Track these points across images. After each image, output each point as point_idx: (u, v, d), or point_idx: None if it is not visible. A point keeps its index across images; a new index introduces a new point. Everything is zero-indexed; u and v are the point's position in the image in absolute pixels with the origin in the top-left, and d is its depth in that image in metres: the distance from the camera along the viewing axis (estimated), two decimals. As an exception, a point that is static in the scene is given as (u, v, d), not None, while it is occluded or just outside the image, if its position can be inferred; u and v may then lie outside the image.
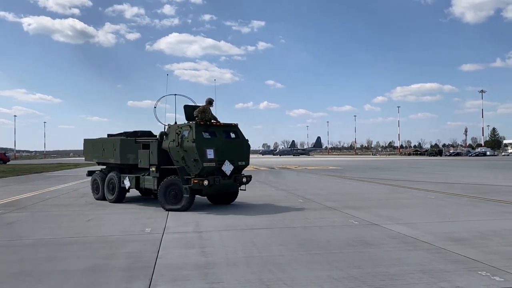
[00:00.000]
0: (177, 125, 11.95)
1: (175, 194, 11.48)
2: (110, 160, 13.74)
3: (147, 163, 12.30)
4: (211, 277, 5.44)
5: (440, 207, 11.85)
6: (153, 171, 12.03)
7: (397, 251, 6.74)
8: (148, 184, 12.41)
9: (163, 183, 11.61)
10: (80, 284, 5.28)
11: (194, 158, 11.06)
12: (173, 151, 11.55)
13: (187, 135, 11.32)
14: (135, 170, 13.10)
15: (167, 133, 12.03)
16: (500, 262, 5.96)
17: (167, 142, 11.79)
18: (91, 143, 15.06)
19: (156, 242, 7.58)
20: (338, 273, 5.55)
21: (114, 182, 13.52)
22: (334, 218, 10.02)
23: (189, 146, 11.15)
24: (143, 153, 12.49)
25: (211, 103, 12.28)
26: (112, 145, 13.55)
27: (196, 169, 11.13)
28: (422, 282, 5.15)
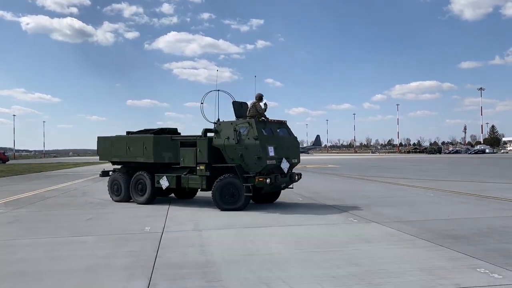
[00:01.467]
0: (231, 122, 11.65)
1: (232, 193, 11.13)
2: (139, 159, 12.85)
3: (192, 161, 11.82)
4: (210, 276, 5.45)
5: (439, 204, 11.86)
6: (201, 170, 11.57)
7: (396, 249, 6.75)
8: (194, 184, 11.91)
9: (219, 182, 11.20)
10: (79, 283, 5.28)
11: (257, 155, 10.90)
12: (229, 149, 11.26)
13: (247, 132, 11.11)
14: (164, 169, 12.64)
15: (217, 130, 11.62)
16: (499, 259, 5.97)
17: (220, 139, 11.47)
18: (108, 141, 13.93)
19: (156, 241, 7.58)
20: (336, 271, 5.56)
21: (144, 182, 12.76)
22: (333, 217, 10.03)
23: (251, 144, 10.96)
24: (188, 151, 11.97)
25: (261, 98, 12.03)
26: (142, 143, 12.74)
27: (258, 167, 10.97)
28: (420, 279, 5.16)
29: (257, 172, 10.98)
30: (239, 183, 11.04)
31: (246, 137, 11.08)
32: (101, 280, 5.39)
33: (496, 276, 5.25)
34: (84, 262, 6.21)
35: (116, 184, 13.55)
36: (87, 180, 24.27)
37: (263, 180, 10.82)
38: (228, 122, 11.70)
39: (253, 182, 10.93)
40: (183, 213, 10.89)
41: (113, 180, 13.72)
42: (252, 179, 10.94)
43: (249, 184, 10.93)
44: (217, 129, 11.65)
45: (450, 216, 9.80)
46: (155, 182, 12.48)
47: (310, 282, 5.13)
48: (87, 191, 17.27)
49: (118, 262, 6.20)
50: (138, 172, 12.91)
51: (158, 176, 12.47)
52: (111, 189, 13.68)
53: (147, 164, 12.83)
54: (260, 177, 10.85)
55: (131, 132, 13.99)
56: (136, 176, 12.95)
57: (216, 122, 11.95)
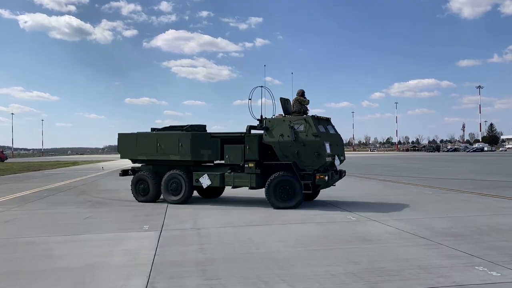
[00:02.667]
0: (283, 118, 11.47)
1: (286, 191, 10.99)
2: (173, 156, 12.26)
3: (240, 159, 11.54)
4: (209, 274, 5.44)
5: (438, 202, 11.87)
6: (250, 167, 11.32)
7: (395, 247, 6.75)
8: (241, 182, 11.62)
9: (273, 180, 11.01)
10: (77, 281, 5.27)
11: (317, 152, 10.80)
12: (284, 146, 11.04)
13: (303, 129, 10.97)
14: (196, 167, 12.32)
15: (268, 127, 11.37)
16: (498, 257, 5.98)
17: (272, 136, 11.26)
18: (133, 138, 13.10)
19: (154, 239, 7.57)
20: (336, 269, 5.56)
21: (179, 181, 12.23)
22: (332, 214, 10.03)
23: (310, 141, 10.85)
24: (234, 148, 11.70)
25: (303, 94, 11.97)
26: (178, 140, 12.23)
27: (317, 164, 10.89)
28: (419, 277, 5.15)
29: (314, 169, 10.91)
30: (295, 180, 10.94)
31: (304, 134, 10.96)
32: (99, 278, 5.37)
33: (494, 274, 5.25)
34: (82, 261, 6.20)
35: (143, 183, 12.85)
36: (85, 178, 24.25)
37: (323, 178, 10.80)
38: (280, 118, 11.51)
39: (310, 179, 10.86)
40: (182, 212, 10.88)
41: (138, 180, 12.95)
42: (310, 177, 10.87)
43: (308, 181, 10.85)
44: (268, 126, 11.40)
45: (449, 214, 9.80)
46: (194, 181, 12.07)
47: (309, 280, 5.13)
48: (86, 190, 17.25)
49: (116, 261, 6.19)
50: (172, 171, 12.34)
51: (197, 174, 12.03)
52: (136, 189, 12.96)
53: (180, 162, 12.35)
54: (321, 175, 10.82)
55: (156, 129, 13.40)
56: (169, 175, 12.36)
57: (260, 118, 11.76)
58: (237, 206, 11.68)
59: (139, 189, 12.89)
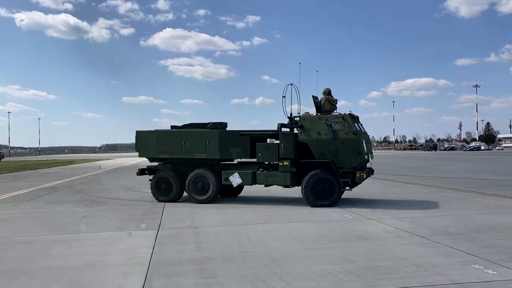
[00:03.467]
0: (319, 116, 11.50)
1: (324, 189, 10.98)
2: (200, 155, 12.01)
3: (274, 157, 11.50)
4: (207, 273, 5.44)
5: (435, 201, 11.89)
6: (285, 166, 11.27)
7: (392, 245, 6.76)
8: (275, 180, 11.55)
9: (311, 178, 10.97)
10: (74, 280, 5.26)
11: (357, 150, 10.95)
12: (321, 144, 11.05)
13: (342, 127, 11.04)
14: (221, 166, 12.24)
15: (304, 125, 11.35)
16: (494, 256, 6.00)
17: (308, 134, 11.26)
18: (154, 136, 12.64)
19: (151, 238, 7.56)
20: (333, 267, 5.57)
21: (207, 179, 11.97)
22: (329, 213, 10.04)
23: (349, 139, 10.96)
24: (267, 146, 11.79)
25: (330, 92, 12.09)
26: (204, 138, 11.98)
27: (356, 162, 11.02)
28: (416, 275, 5.17)
29: (352, 167, 11.01)
30: (333, 178, 10.97)
31: (343, 132, 11.03)
32: (96, 277, 5.37)
33: (490, 272, 5.27)
34: (79, 260, 6.19)
35: (165, 182, 12.44)
36: (82, 177, 24.20)
37: (363, 175, 11.02)
38: (316, 117, 11.54)
39: (349, 177, 11.00)
40: (180, 210, 10.87)
41: (159, 179, 12.51)
42: (349, 175, 10.99)
43: (348, 179, 10.99)
44: (303, 124, 11.38)
45: (446, 213, 9.83)
46: (223, 179, 11.90)
47: (307, 278, 5.13)
48: (83, 189, 17.21)
49: (113, 260, 6.18)
50: (198, 169, 12.08)
51: (226, 173, 11.88)
52: (157, 188, 12.51)
53: (205, 160, 12.14)
54: (361, 172, 11.01)
55: (176, 127, 13.04)
56: (195, 174, 12.06)
57: (290, 116, 11.73)
58: (235, 205, 11.67)
59: (160, 188, 12.48)
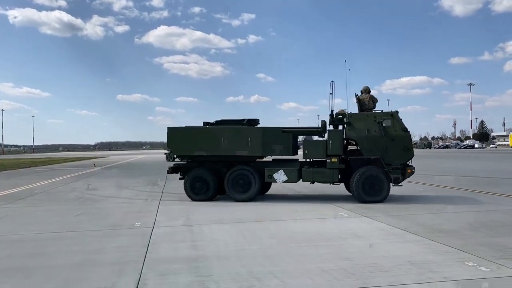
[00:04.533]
0: (366, 114, 11.67)
1: (373, 185, 11.13)
2: (240, 152, 11.80)
3: (321, 154, 11.51)
4: (202, 271, 5.44)
5: (429, 199, 11.96)
6: (333, 162, 11.36)
7: (386, 243, 6.79)
8: (322, 177, 11.59)
9: (362, 175, 11.11)
10: (69, 279, 5.25)
11: (407, 147, 11.33)
12: (370, 141, 11.28)
13: (391, 124, 11.28)
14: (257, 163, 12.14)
15: (350, 122, 11.53)
16: (487, 253, 6.04)
17: (355, 131, 11.45)
18: (189, 133, 12.35)
19: (146, 236, 7.55)
20: (328, 265, 5.59)
21: (248, 177, 11.78)
22: (324, 211, 10.07)
23: (399, 135, 11.26)
24: (315, 143, 11.85)
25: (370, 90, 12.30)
26: (246, 135, 11.81)
27: (405, 158, 11.39)
28: (410, 273, 5.20)
29: (401, 163, 11.30)
30: (383, 175, 11.14)
31: (392, 129, 11.24)
32: (90, 275, 5.35)
33: (483, 269, 5.31)
34: (74, 258, 6.17)
35: (202, 181, 12.08)
36: (77, 175, 24.11)
37: (413, 171, 11.45)
38: (364, 114, 11.70)
39: (399, 173, 11.20)
40: (174, 208, 10.86)
41: (194, 177, 12.13)
42: (398, 171, 11.21)
43: (398, 175, 11.18)
44: (351, 122, 11.52)
45: (440, 211, 9.89)
46: (266, 177, 11.80)
47: (301, 276, 5.15)
48: (77, 187, 17.15)
49: (108, 257, 6.17)
50: (239, 167, 11.89)
51: (270, 170, 11.76)
52: (192, 187, 12.13)
53: (246, 158, 12.00)
54: (411, 168, 11.43)
55: (208, 123, 12.78)
56: (236, 172, 11.88)
57: (331, 113, 11.92)
58: (229, 203, 11.66)
59: (195, 187, 12.11)
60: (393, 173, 11.14)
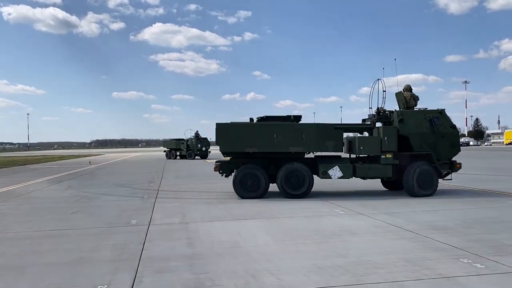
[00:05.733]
0: (416, 111, 12.20)
1: (424, 180, 11.66)
2: (294, 148, 11.83)
3: (376, 150, 11.80)
4: (197, 268, 5.44)
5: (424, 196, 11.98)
6: (387, 158, 11.73)
7: (381, 240, 6.81)
8: (376, 173, 11.96)
9: (416, 170, 11.61)
10: (64, 276, 5.22)
11: (455, 143, 12.08)
12: (422, 137, 11.82)
13: (439, 121, 11.88)
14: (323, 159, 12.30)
15: (403, 119, 11.92)
16: (482, 250, 6.07)
17: (408, 128, 11.87)
18: (240, 129, 12.07)
19: (142, 234, 7.54)
20: (323, 262, 5.60)
21: (301, 174, 11.78)
22: (319, 208, 10.09)
23: (449, 133, 12.01)
24: (370, 139, 12.09)
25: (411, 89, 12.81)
26: (301, 132, 11.83)
27: (452, 154, 12.08)
28: (405, 270, 5.22)
29: (448, 159, 12.03)
30: (433, 170, 11.75)
31: (442, 126, 11.87)
32: (86, 273, 5.33)
33: (478, 266, 5.34)
34: (69, 256, 6.15)
35: (251, 178, 11.89)
36: (72, 173, 24.02)
37: (461, 166, 12.21)
38: (414, 111, 12.24)
39: (446, 168, 12.01)
40: (170, 206, 10.84)
41: (245, 174, 11.91)
42: (446, 166, 12.01)
43: (448, 170, 12.06)
44: (404, 118, 11.95)
45: (435, 208, 9.92)
46: (321, 173, 11.91)
47: (297, 273, 5.16)
48: (72, 184, 17.09)
49: (103, 255, 6.15)
50: (293, 163, 11.86)
51: (325, 166, 11.86)
52: (242, 185, 11.92)
53: (298, 154, 12.09)
54: (460, 163, 12.20)
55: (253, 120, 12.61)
56: (291, 167, 11.83)
57: (378, 110, 12.47)
58: (224, 201, 11.66)
59: (246, 184, 11.90)
60: (442, 168, 11.87)
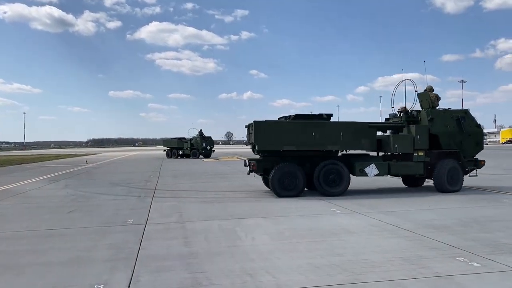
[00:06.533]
0: (443, 111, 12.84)
1: (453, 177, 12.32)
2: (331, 147, 12.07)
3: (410, 148, 12.24)
4: (194, 267, 5.44)
5: (420, 195, 12.04)
6: (420, 156, 12.22)
7: (378, 239, 6.83)
8: (408, 170, 12.48)
9: (445, 167, 12.22)
10: (61, 276, 5.21)
11: (479, 142, 12.91)
12: (450, 136, 12.47)
13: (465, 121, 12.60)
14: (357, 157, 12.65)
15: (433, 118, 12.45)
16: (478, 248, 6.10)
17: (437, 127, 12.43)
18: (278, 127, 12.05)
19: (139, 233, 7.53)
20: (320, 261, 5.61)
21: (339, 171, 11.96)
22: (316, 207, 10.10)
23: (475, 131, 12.80)
24: (403, 138, 12.44)
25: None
26: (339, 130, 12.01)
27: (476, 152, 12.89)
28: (402, 269, 5.23)
29: (472, 156, 12.81)
30: (459, 166, 12.46)
31: (468, 125, 12.58)
32: (83, 272, 5.33)
33: (475, 264, 5.37)
34: (66, 255, 6.14)
35: (290, 176, 11.84)
36: (69, 172, 23.96)
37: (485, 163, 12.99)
38: (441, 111, 12.83)
39: (471, 165, 12.81)
40: (167, 205, 10.83)
41: (284, 173, 11.85)
42: (471, 163, 12.81)
43: (473, 167, 12.83)
44: (434, 118, 12.49)
45: (432, 207, 9.95)
46: (357, 171, 12.14)
47: (294, 272, 5.17)
48: (69, 184, 17.04)
49: (100, 255, 6.14)
50: (330, 161, 12.05)
51: (361, 164, 12.17)
52: (281, 183, 11.83)
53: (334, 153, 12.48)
54: (483, 160, 12.94)
55: (285, 117, 12.68)
56: (328, 166, 11.97)
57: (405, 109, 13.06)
58: (221, 200, 11.67)
59: (284, 183, 11.82)
60: (468, 165, 12.64)
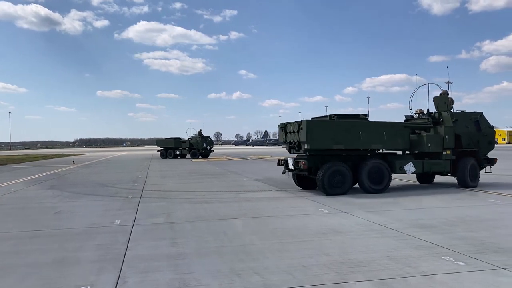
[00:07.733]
0: (463, 112, 13.94)
1: (473, 174, 13.57)
2: (375, 146, 12.61)
3: (440, 147, 13.15)
4: (182, 268, 5.43)
5: (407, 194, 12.14)
6: (447, 154, 13.20)
7: (365, 238, 6.88)
8: (438, 168, 13.32)
9: (467, 164, 13.39)
10: (47, 277, 5.16)
11: (491, 141, 14.13)
12: (470, 136, 13.63)
13: (481, 121, 13.82)
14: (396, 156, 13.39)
15: (456, 119, 13.45)
16: (464, 248, 6.18)
17: (460, 128, 13.48)
18: (328, 126, 12.16)
19: (126, 233, 7.49)
20: (308, 260, 5.63)
21: (381, 170, 12.49)
22: (304, 207, 10.14)
23: (488, 132, 14.04)
24: (434, 137, 13.17)
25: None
26: (382, 130, 12.52)
27: (488, 150, 14.15)
28: (388, 268, 5.28)
29: (485, 154, 14.13)
30: (477, 164, 13.73)
31: (483, 125, 13.86)
32: (69, 273, 5.28)
33: (460, 263, 5.44)
34: (52, 256, 6.08)
35: (339, 174, 12.10)
36: (55, 172, 23.71)
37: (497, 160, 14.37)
38: (460, 113, 13.87)
39: (485, 163, 14.10)
40: (155, 206, 10.79)
41: (334, 171, 12.06)
42: (485, 160, 14.11)
43: (489, 164, 14.16)
44: (457, 119, 13.47)
45: (418, 206, 10.06)
46: (397, 169, 12.76)
47: (282, 272, 5.18)
48: (56, 184, 16.86)
49: (87, 256, 6.09)
50: (375, 160, 12.59)
51: (401, 162, 12.87)
52: (331, 181, 12.02)
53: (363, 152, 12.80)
54: (496, 158, 14.31)
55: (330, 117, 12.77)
56: (373, 164, 12.45)
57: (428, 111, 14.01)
58: (210, 200, 11.65)
59: (333, 181, 12.03)
60: (483, 162, 13.98)
